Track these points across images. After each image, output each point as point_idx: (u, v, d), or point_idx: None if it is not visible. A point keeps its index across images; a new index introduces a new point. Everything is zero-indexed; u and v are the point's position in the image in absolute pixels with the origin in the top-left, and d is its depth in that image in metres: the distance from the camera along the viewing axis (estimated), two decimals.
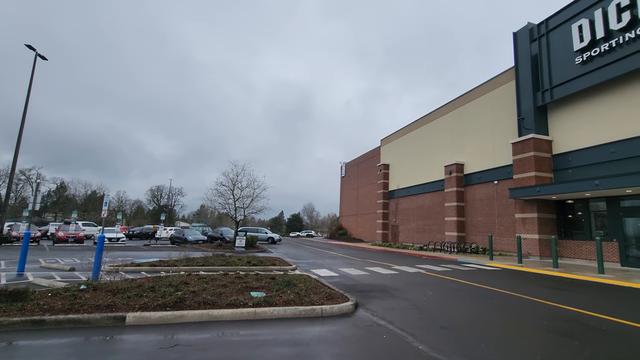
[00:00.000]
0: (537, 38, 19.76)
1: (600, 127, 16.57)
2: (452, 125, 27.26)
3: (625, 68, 15.14)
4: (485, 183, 23.40)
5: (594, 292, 9.43)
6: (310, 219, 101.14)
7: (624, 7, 15.19)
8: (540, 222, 18.17)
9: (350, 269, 13.62)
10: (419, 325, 5.95)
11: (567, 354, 4.67)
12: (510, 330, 5.82)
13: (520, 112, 20.12)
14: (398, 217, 33.52)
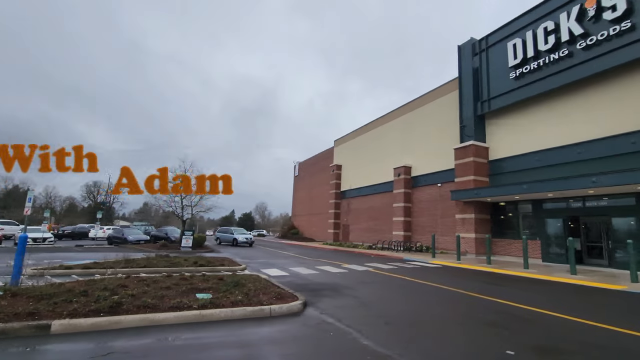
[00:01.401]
0: (478, 52, 21.42)
1: (529, 137, 18.39)
2: (403, 129, 28.53)
3: (550, 85, 16.98)
4: (431, 185, 24.83)
5: (520, 286, 10.44)
6: (263, 218, 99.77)
7: (550, 31, 17.03)
8: (477, 223, 19.71)
9: (301, 268, 13.66)
10: (366, 321, 6.13)
11: (497, 342, 5.12)
12: (448, 323, 6.23)
13: (462, 120, 21.66)
14: (349, 217, 34.32)
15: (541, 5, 17.80)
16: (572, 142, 16.29)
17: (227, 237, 28.85)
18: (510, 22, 19.57)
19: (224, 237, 29.39)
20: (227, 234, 29.33)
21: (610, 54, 14.71)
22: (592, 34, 15.35)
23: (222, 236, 29.92)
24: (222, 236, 29.79)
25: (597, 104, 15.59)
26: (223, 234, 30.18)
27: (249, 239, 27.97)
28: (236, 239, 27.73)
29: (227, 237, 29.00)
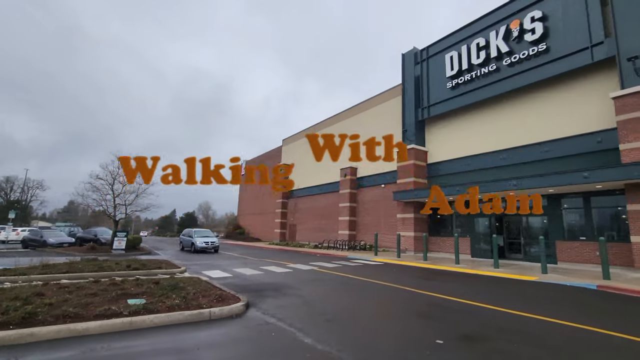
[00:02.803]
0: (420, 62, 22.78)
1: (462, 143, 19.99)
2: (350, 130, 29.27)
3: (481, 96, 18.64)
4: (375, 186, 25.83)
5: (451, 280, 11.29)
6: (206, 218, 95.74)
7: (481, 47, 18.70)
8: (416, 222, 20.94)
9: (245, 269, 13.35)
10: (308, 320, 6.18)
11: (430, 332, 5.47)
12: (386, 317, 6.52)
13: (405, 124, 22.87)
14: (296, 216, 34.37)
15: (475, 23, 19.47)
16: (499, 149, 18.05)
17: (188, 242, 23.45)
18: (448, 35, 21.11)
19: (186, 241, 23.81)
20: (187, 238, 23.81)
21: (530, 71, 16.56)
22: (516, 52, 17.16)
23: (184, 240, 24.30)
24: (185, 240, 24.11)
25: (520, 115, 17.45)
26: (185, 237, 24.32)
27: (213, 244, 22.06)
28: (194, 243, 21.91)
29: (187, 241, 23.50)
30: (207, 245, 21.74)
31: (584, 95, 15.11)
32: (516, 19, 17.29)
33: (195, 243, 21.74)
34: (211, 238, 22.82)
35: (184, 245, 23.92)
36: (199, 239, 22.11)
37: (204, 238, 22.48)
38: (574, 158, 15.05)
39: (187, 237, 23.71)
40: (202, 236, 22.97)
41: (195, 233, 23.30)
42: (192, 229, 24.58)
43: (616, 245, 13.39)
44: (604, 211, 14.32)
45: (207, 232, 24.59)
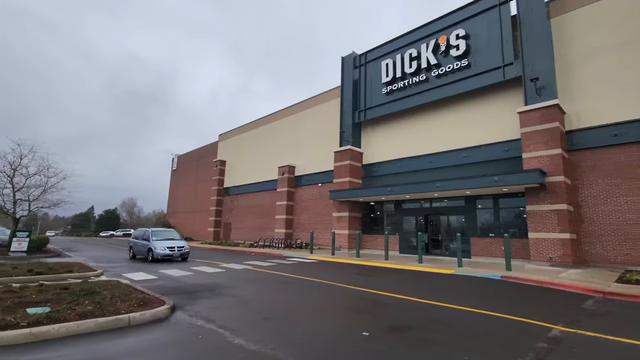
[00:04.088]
0: (358, 66, 23.62)
1: (395, 146, 21.21)
2: (290, 128, 29.22)
3: (412, 103, 19.97)
4: (313, 185, 26.15)
5: (381, 275, 11.92)
6: (131, 216, 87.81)
7: (413, 57, 20.03)
8: (350, 220, 21.68)
9: (174, 270, 12.53)
10: (242, 320, 6.01)
11: (360, 325, 5.68)
12: (320, 313, 6.62)
13: (342, 125, 23.53)
14: (232, 214, 33.27)
15: (409, 34, 20.78)
16: (427, 153, 19.49)
17: (142, 247, 17.05)
18: (385, 43, 22.21)
19: (139, 246, 17.33)
20: (142, 242, 17.21)
21: (455, 83, 18.18)
22: (443, 65, 18.71)
23: (136, 245, 17.67)
24: (137, 245, 17.57)
25: (446, 122, 19.04)
26: (138, 241, 17.68)
27: (181, 249, 16.40)
28: (152, 249, 16.02)
29: (142, 246, 17.06)
30: (172, 252, 15.91)
31: (498, 108, 17.05)
32: (444, 34, 18.86)
33: (154, 249, 15.83)
34: (178, 241, 16.92)
35: (136, 252, 17.56)
36: (160, 243, 16.21)
37: (167, 242, 16.51)
38: (488, 164, 16.91)
39: (141, 241, 17.30)
40: (164, 239, 16.87)
41: (154, 234, 17.05)
42: (149, 229, 17.81)
43: (518, 240, 15.38)
44: (510, 211, 16.36)
45: (171, 233, 18.31)
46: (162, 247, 15.88)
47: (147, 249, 16.39)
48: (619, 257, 12.90)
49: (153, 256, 15.75)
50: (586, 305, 7.40)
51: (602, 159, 13.74)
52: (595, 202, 13.71)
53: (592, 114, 14.10)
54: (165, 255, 15.68)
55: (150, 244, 16.23)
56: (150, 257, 16.05)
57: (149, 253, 16.16)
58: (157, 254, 15.66)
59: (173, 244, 16.32)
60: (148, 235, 16.93)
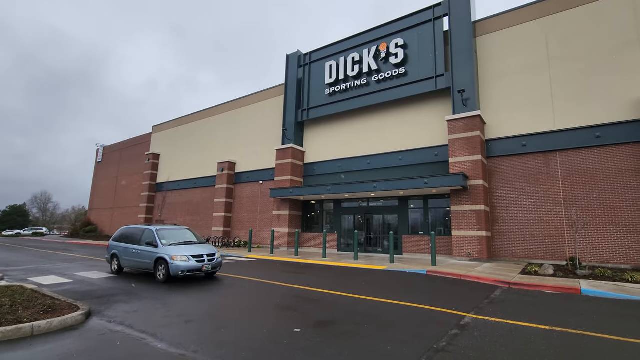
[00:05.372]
0: (303, 65, 23.71)
1: (336, 146, 21.70)
2: (230, 124, 28.26)
3: (353, 106, 20.61)
4: (253, 182, 25.64)
5: (316, 272, 12.12)
6: (44, 212, 77.78)
7: (356, 61, 20.69)
8: (290, 218, 21.70)
9: (92, 272, 11.39)
10: (164, 323, 5.67)
11: (290, 322, 5.71)
12: (249, 312, 6.51)
13: (285, 123, 23.44)
14: (164, 211, 31.18)
15: (352, 38, 21.40)
16: (366, 154, 20.26)
17: (143, 256, 10.55)
18: (329, 45, 22.61)
19: (133, 255, 10.96)
20: (139, 248, 10.79)
21: (393, 89, 19.15)
22: (383, 71, 19.61)
23: (127, 252, 11.22)
24: (129, 253, 11.15)
25: (384, 125, 19.95)
26: (129, 247, 11.21)
27: (212, 259, 10.25)
28: (165, 260, 9.71)
29: (143, 255, 10.59)
30: (200, 264, 9.81)
31: (430, 115, 18.35)
32: (384, 42, 19.78)
33: (171, 260, 9.54)
34: (203, 246, 10.68)
35: (126, 264, 11.25)
36: (178, 250, 9.90)
37: (187, 248, 10.23)
38: (420, 167, 18.14)
39: (138, 247, 10.80)
40: (179, 242, 10.58)
41: (162, 235, 10.63)
42: (152, 227, 11.08)
43: (443, 238, 16.75)
44: (437, 211, 17.74)
45: (184, 233, 11.57)
46: (183, 257, 9.55)
47: (154, 260, 9.94)
48: (523, 252, 14.73)
49: (169, 272, 9.42)
50: (494, 294, 8.32)
51: (513, 166, 15.56)
52: (506, 204, 15.48)
53: (506, 125, 15.90)
54: (191, 270, 9.51)
55: (161, 251, 9.86)
56: (162, 273, 9.64)
57: (160, 267, 9.73)
58: (177, 269, 9.32)
59: (199, 251, 10.03)
60: (153, 238, 10.42)
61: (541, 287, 9.10)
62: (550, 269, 11.08)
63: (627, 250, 12.67)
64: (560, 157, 14.44)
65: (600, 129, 13.68)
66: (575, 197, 13.88)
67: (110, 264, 11.92)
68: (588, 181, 13.72)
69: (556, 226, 14.13)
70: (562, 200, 14.11)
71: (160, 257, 9.87)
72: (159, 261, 9.90)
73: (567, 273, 10.87)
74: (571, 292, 8.66)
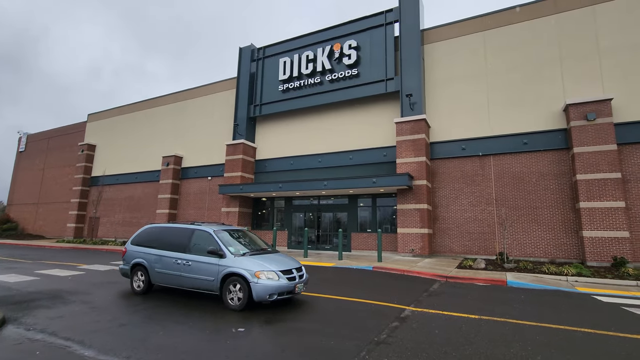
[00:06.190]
0: (256, 59, 23.21)
1: (288, 143, 21.57)
2: (177, 116, 26.78)
3: (306, 104, 20.64)
4: (201, 178, 24.58)
5: None
6: None
7: (310, 59, 20.71)
8: (240, 215, 21.17)
9: (9, 276, 10.14)
10: (94, 328, 5.21)
11: (236, 321, 5.55)
12: (191, 312, 6.22)
13: (237, 118, 22.78)
14: (101, 208, 28.69)
15: (307, 36, 21.39)
16: (318, 153, 20.40)
17: (192, 271, 7.14)
18: (284, 41, 22.37)
19: (180, 268, 7.30)
20: (188, 258, 7.26)
21: (346, 90, 19.49)
22: (336, 71, 19.87)
23: (166, 263, 7.54)
24: (171, 263, 7.46)
25: (337, 124, 20.22)
26: (171, 256, 7.52)
27: (302, 276, 7.14)
28: (245, 278, 6.45)
29: (192, 268, 7.15)
30: (293, 283, 6.71)
31: (380, 117, 18.98)
32: (338, 42, 20.06)
33: (254, 280, 6.39)
34: (283, 259, 7.47)
35: (165, 280, 7.61)
36: (259, 265, 6.69)
37: (268, 260, 7.05)
38: (370, 166, 18.71)
39: (189, 258, 7.27)
40: (252, 252, 7.40)
41: (225, 240, 7.33)
42: (206, 228, 7.60)
43: (389, 235, 17.47)
44: (385, 209, 18.45)
45: (250, 239, 8.33)
46: (270, 273, 6.53)
47: (220, 277, 6.77)
48: (460, 247, 15.88)
49: (251, 296, 6.39)
50: (433, 288, 8.86)
51: (453, 168, 16.69)
52: (446, 203, 16.56)
53: (448, 130, 16.99)
54: (282, 293, 6.52)
55: (231, 263, 6.73)
56: (236, 297, 6.52)
57: (233, 287, 6.60)
58: (265, 291, 6.32)
59: (285, 263, 7.08)
60: (215, 244, 7.11)
61: (474, 279, 9.89)
62: (482, 263, 12.09)
63: (546, 245, 14.25)
64: (494, 160, 15.79)
65: (527, 136, 15.18)
66: (505, 197, 15.27)
67: (130, 278, 8.12)
68: (516, 183, 15.17)
69: (488, 224, 15.44)
70: (494, 200, 15.45)
71: (232, 274, 6.60)
72: (231, 279, 6.60)
73: (496, 266, 11.94)
74: (499, 283, 9.52)
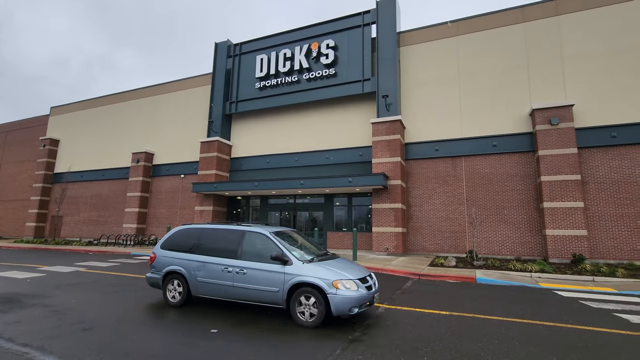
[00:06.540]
0: (232, 56, 22.77)
1: (264, 141, 21.32)
2: (148, 111, 25.82)
3: (283, 102, 20.47)
4: (173, 176, 23.84)
5: None
6: None
7: (287, 57, 20.56)
8: (214, 214, 20.73)
9: None
10: (55, 333, 4.92)
11: (211, 323, 5.42)
12: (162, 315, 6.01)
13: (212, 115, 22.26)
14: (64, 206, 27.21)
15: (285, 34, 21.22)
16: (294, 151, 20.29)
17: (247, 278, 5.94)
18: (261, 38, 22.07)
19: (215, 272, 6.24)
20: (232, 262, 6.16)
21: (323, 89, 19.49)
22: (314, 70, 19.84)
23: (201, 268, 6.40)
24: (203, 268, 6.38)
25: (314, 123, 20.19)
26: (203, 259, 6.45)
27: (375, 284, 6.16)
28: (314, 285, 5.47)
29: (244, 275, 5.97)
30: (370, 293, 5.69)
31: (357, 117, 19.13)
32: (316, 41, 20.03)
33: (326, 288, 5.35)
34: (354, 264, 6.71)
35: (209, 291, 6.34)
36: (335, 272, 5.61)
37: (340, 266, 6.02)
38: (346, 166, 18.82)
39: (244, 265, 6.05)
40: (318, 257, 6.30)
41: (287, 245, 6.16)
42: (262, 230, 6.40)
43: (365, 234, 17.67)
44: (360, 208, 18.65)
45: (304, 240, 7.28)
46: (348, 281, 5.49)
47: (286, 288, 5.64)
48: (432, 246, 16.31)
49: (329, 309, 5.34)
50: (406, 285, 9.03)
51: (427, 168, 17.10)
52: (420, 202, 16.95)
53: (422, 131, 17.39)
54: (363, 303, 5.48)
55: (299, 271, 5.63)
56: (310, 311, 5.46)
57: (304, 300, 5.52)
58: (346, 304, 5.27)
59: (359, 272, 6.07)
60: (277, 249, 5.96)
61: (445, 277, 10.18)
62: (453, 260, 12.47)
63: (512, 244, 14.90)
64: (465, 161, 16.32)
65: (496, 139, 15.80)
66: (475, 197, 15.82)
67: (163, 289, 6.74)
68: (485, 184, 15.75)
69: (459, 223, 15.94)
70: (465, 200, 15.97)
71: (303, 283, 5.53)
72: (301, 290, 5.52)
73: (466, 264, 12.35)
74: (468, 280, 9.85)
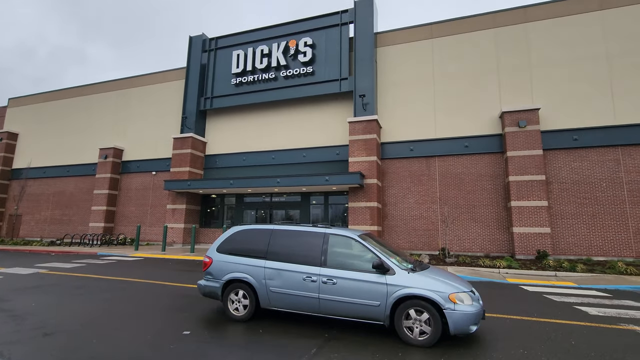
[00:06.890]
0: (207, 50, 22.19)
1: (240, 138, 20.93)
2: (118, 105, 24.70)
3: (259, 99, 20.18)
4: (144, 172, 22.95)
5: None
6: None
7: (265, 54, 20.29)
8: (187, 213, 20.13)
9: None
10: (14, 339, 4.60)
11: (177, 324, 5.23)
12: (126, 317, 5.75)
13: (185, 111, 21.61)
14: (23, 204, 25.56)
15: (262, 30, 20.91)
16: (271, 149, 20.05)
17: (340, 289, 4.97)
18: (238, 33, 21.65)
19: (294, 282, 5.25)
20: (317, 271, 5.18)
21: (301, 87, 19.38)
22: (291, 68, 19.69)
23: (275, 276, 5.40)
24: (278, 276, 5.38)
25: (291, 121, 20.02)
26: (278, 266, 5.44)
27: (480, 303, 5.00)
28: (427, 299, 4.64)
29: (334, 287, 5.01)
30: (482, 307, 4.90)
31: (334, 116, 19.16)
32: (293, 39, 19.87)
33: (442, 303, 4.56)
34: (458, 277, 5.59)
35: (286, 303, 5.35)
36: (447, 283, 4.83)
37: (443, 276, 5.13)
38: (323, 164, 18.82)
39: (335, 275, 5.07)
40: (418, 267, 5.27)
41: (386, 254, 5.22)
42: (350, 234, 5.43)
43: None
44: (337, 207, 18.71)
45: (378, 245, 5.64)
46: (464, 294, 4.72)
47: (390, 302, 4.75)
48: (407, 243, 16.63)
49: (445, 327, 4.58)
50: None
51: (402, 167, 17.40)
52: (395, 201, 17.23)
53: (398, 131, 17.67)
54: (479, 320, 4.73)
55: (404, 282, 4.77)
56: (420, 329, 4.61)
57: (415, 315, 4.67)
58: (467, 321, 4.52)
59: (464, 283, 5.26)
60: (374, 255, 5.06)
61: None
62: (427, 258, 12.77)
63: (482, 241, 15.45)
64: (438, 161, 16.74)
65: (468, 140, 16.31)
66: (447, 196, 16.27)
67: (223, 300, 5.76)
68: (458, 183, 16.24)
69: (432, 221, 16.35)
70: (438, 199, 16.39)
71: (412, 296, 4.71)
72: (409, 303, 4.70)
73: (439, 261, 12.68)
74: None
